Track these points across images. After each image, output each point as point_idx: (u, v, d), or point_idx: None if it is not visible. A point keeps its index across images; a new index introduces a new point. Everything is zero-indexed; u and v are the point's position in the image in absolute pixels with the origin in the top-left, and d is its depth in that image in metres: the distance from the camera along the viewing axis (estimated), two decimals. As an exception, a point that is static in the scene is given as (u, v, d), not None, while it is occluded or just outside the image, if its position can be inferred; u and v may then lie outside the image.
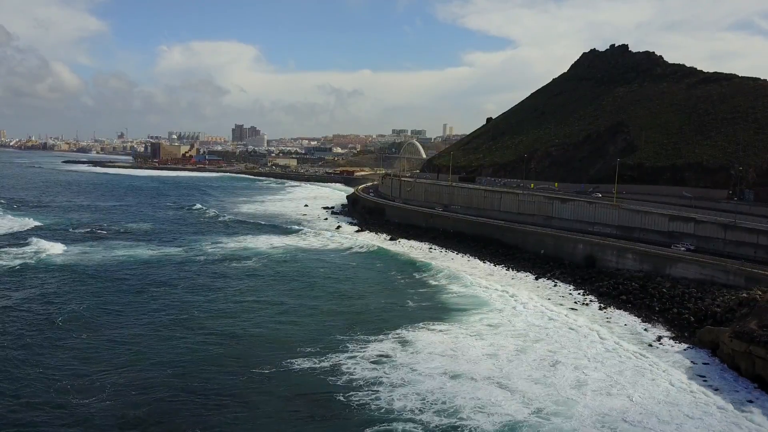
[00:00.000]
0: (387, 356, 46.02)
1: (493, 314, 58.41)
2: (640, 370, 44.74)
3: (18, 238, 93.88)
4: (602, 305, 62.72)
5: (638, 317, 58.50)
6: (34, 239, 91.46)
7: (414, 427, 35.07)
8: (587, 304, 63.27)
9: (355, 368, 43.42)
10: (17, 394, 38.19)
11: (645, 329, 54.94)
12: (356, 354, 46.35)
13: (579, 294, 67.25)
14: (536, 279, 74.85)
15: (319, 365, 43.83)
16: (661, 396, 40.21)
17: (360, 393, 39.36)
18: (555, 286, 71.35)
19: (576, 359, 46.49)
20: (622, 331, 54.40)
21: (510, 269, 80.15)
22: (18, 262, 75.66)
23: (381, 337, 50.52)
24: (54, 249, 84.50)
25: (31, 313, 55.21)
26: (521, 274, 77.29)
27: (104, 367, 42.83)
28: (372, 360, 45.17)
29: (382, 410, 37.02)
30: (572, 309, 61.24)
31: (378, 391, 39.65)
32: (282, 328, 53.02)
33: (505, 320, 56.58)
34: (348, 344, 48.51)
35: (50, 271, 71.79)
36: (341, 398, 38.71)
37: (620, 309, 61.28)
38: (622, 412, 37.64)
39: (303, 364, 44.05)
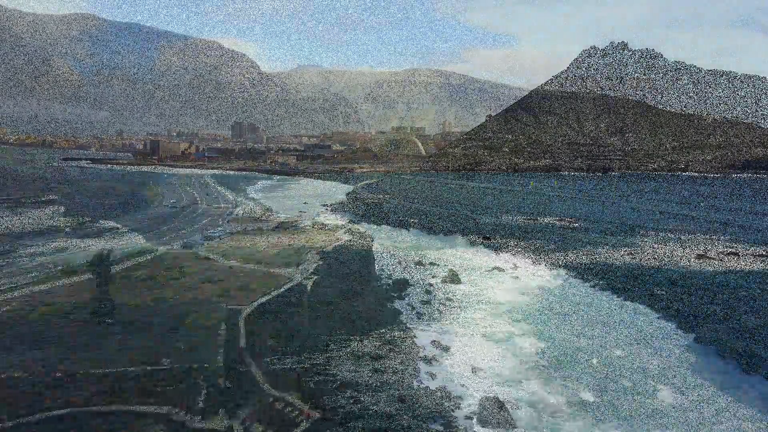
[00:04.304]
0: (382, 356, 45.34)
1: (492, 311, 57.94)
2: (643, 367, 44.43)
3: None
4: (601, 299, 62.37)
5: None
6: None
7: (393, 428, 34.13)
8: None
9: (339, 368, 42.46)
10: None
11: (646, 325, 54.57)
12: (341, 354, 45.36)
13: (579, 284, 67.07)
14: (533, 264, 76.90)
15: (300, 366, 42.71)
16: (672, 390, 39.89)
17: (343, 395, 38.35)
18: (555, 277, 71.46)
19: (574, 358, 46.16)
20: (625, 329, 53.98)
21: (511, 265, 79.88)
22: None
23: (376, 336, 49.69)
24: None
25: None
26: (520, 261, 78.23)
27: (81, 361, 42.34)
28: (365, 362, 44.13)
29: (369, 413, 36.10)
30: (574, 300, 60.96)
31: (358, 395, 38.48)
32: (277, 328, 52.41)
33: (506, 319, 56.12)
34: (336, 344, 47.55)
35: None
36: (325, 400, 37.54)
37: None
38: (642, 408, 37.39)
39: (287, 363, 43.17)
